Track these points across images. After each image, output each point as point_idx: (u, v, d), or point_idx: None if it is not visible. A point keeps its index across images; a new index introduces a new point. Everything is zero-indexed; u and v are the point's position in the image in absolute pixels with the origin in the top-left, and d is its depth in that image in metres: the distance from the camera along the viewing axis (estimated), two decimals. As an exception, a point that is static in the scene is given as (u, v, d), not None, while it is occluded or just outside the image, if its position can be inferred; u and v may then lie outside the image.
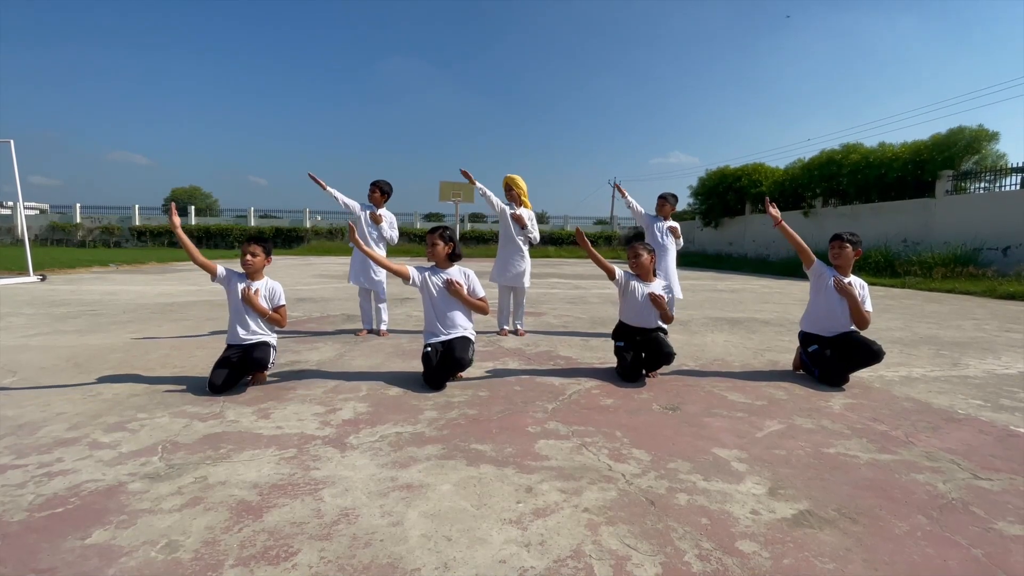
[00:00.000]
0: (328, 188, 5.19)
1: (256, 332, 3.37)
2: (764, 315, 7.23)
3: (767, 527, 1.78)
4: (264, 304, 3.41)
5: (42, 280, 10.55)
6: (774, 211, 3.84)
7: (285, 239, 31.65)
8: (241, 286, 3.35)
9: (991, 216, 13.14)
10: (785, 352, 4.63)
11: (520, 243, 5.31)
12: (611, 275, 3.74)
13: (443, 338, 3.49)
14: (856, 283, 3.72)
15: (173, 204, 3.48)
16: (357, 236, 3.82)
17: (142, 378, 3.54)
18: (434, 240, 3.63)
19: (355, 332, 5.28)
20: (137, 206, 32.97)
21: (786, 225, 3.79)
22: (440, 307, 3.56)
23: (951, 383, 3.73)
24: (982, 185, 14.53)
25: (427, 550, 1.63)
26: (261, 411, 2.89)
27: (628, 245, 3.84)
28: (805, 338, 3.87)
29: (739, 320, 6.66)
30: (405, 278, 3.51)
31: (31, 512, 1.85)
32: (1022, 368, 4.21)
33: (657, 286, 3.76)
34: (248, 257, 3.37)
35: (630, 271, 3.81)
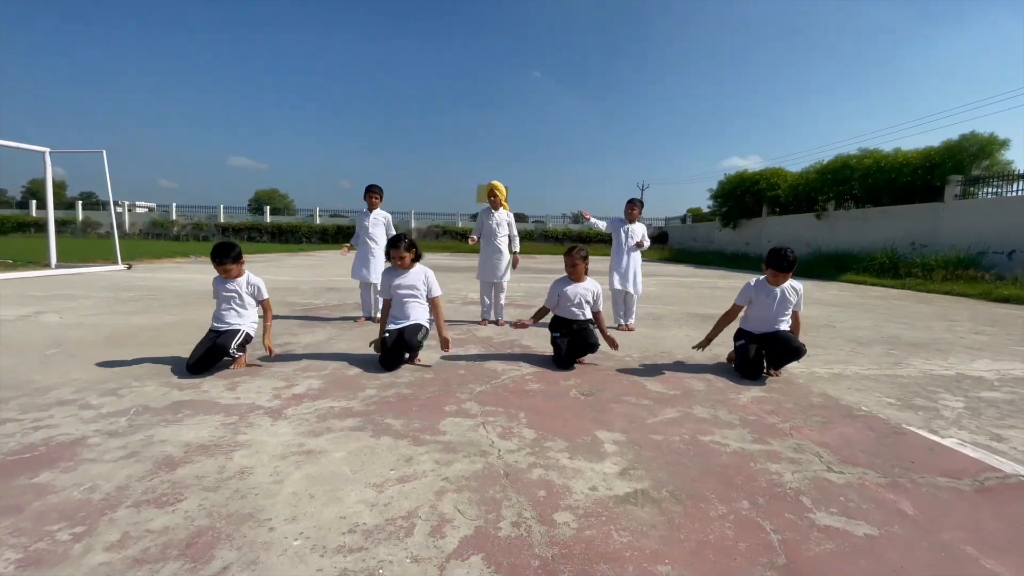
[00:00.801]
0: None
1: (225, 322, 3.51)
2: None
3: (594, 502, 1.81)
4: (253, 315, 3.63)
5: (127, 269, 11.36)
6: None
7: (346, 235, 32.72)
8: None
9: (998, 220, 12.16)
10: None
11: (500, 245, 5.39)
12: (546, 311, 3.97)
13: (399, 325, 3.61)
14: (791, 289, 3.63)
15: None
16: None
17: (155, 353, 3.82)
18: (400, 254, 3.71)
19: (355, 319, 5.48)
20: (222, 205, 34.80)
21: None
22: (402, 304, 3.68)
23: (877, 381, 3.57)
24: (990, 190, 13.46)
25: (288, 505, 1.75)
26: (232, 384, 3.10)
27: (567, 252, 3.87)
28: (737, 334, 3.78)
29: (712, 315, 6.47)
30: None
31: (5, 456, 2.08)
32: (961, 370, 3.96)
33: (583, 287, 3.86)
34: (222, 275, 3.57)
35: (559, 279, 3.94)
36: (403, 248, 3.73)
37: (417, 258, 3.80)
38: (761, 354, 3.55)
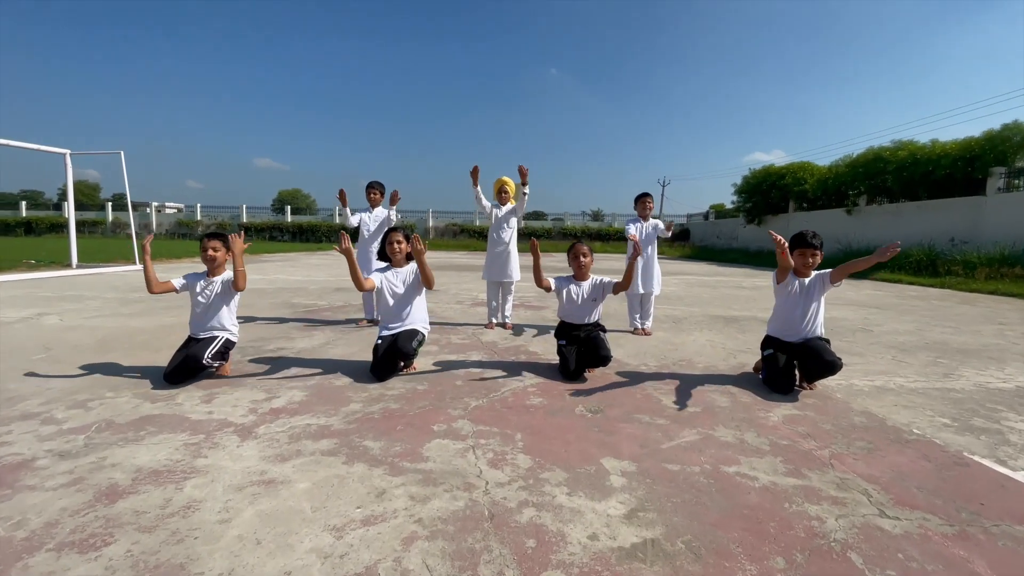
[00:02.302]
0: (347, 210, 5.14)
1: (204, 327, 3.24)
2: (768, 314, 6.53)
3: (593, 557, 1.49)
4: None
5: (145, 268, 11.40)
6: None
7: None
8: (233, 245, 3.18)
9: (1047, 215, 11.34)
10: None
11: (507, 241, 5.08)
12: (548, 288, 3.55)
13: (394, 330, 3.33)
14: (818, 281, 3.23)
15: (148, 236, 3.34)
16: (350, 247, 3.25)
17: (142, 359, 3.63)
18: (398, 237, 3.47)
19: (356, 322, 5.25)
20: (244, 205, 35.27)
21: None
22: (396, 304, 3.40)
23: (927, 396, 3.15)
24: (1038, 182, 12.59)
25: (228, 554, 1.47)
26: (209, 395, 2.86)
27: (571, 247, 3.54)
28: (765, 341, 3.40)
29: (736, 318, 6.07)
30: (370, 289, 3.37)
31: (-63, 483, 1.87)
32: (1021, 383, 3.50)
33: (588, 287, 3.53)
34: (210, 252, 3.25)
35: (564, 276, 3.62)
36: (401, 233, 3.48)
37: (410, 256, 3.52)
38: (792, 365, 3.17)
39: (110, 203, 36.54)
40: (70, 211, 11.49)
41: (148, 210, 35.27)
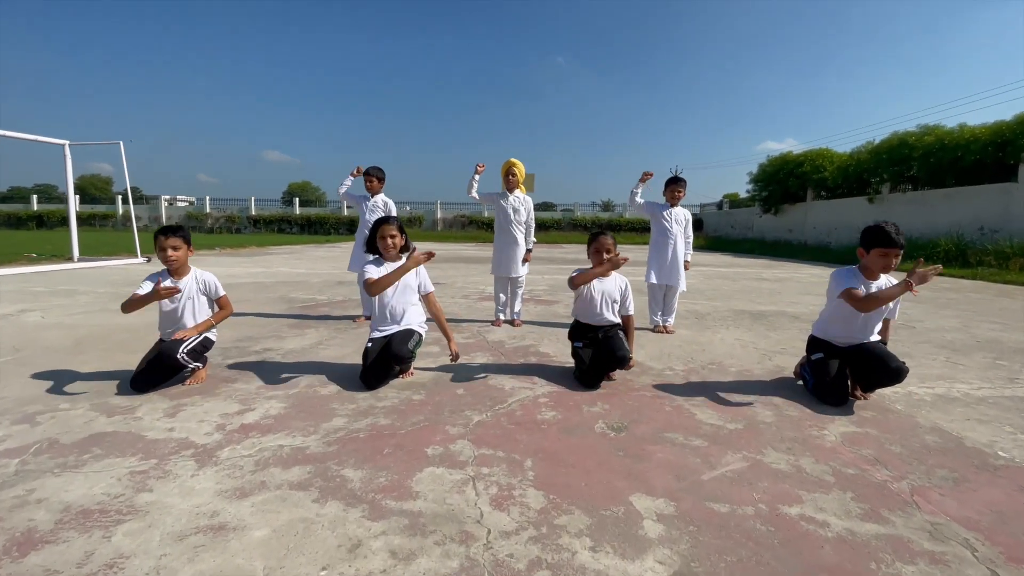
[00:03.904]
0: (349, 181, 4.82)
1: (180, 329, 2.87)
2: (797, 309, 6.10)
3: (630, 654, 1.10)
4: (197, 314, 2.91)
5: (147, 262, 11.16)
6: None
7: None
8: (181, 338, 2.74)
9: (1087, 202, 10.66)
10: (801, 355, 3.67)
11: (516, 234, 4.67)
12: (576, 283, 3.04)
13: (387, 332, 2.95)
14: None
15: (173, 289, 2.72)
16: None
17: (114, 362, 3.29)
18: (391, 231, 3.07)
19: (354, 318, 4.88)
20: (253, 198, 35.10)
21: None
22: (390, 302, 3.01)
23: (1000, 407, 2.71)
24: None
25: (141, 645, 1.10)
26: (175, 407, 2.50)
27: (592, 237, 3.10)
28: (813, 344, 2.97)
29: (764, 314, 5.61)
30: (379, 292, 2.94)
31: None
32: (1108, 390, 3.04)
33: (610, 284, 3.09)
34: (170, 252, 2.84)
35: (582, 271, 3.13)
36: (395, 226, 3.07)
37: (406, 248, 3.13)
38: (845, 373, 2.74)
39: (120, 196, 36.58)
40: (71, 203, 11.24)
41: (160, 203, 35.24)
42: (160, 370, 2.70)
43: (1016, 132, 12.80)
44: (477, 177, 4.58)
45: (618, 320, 3.08)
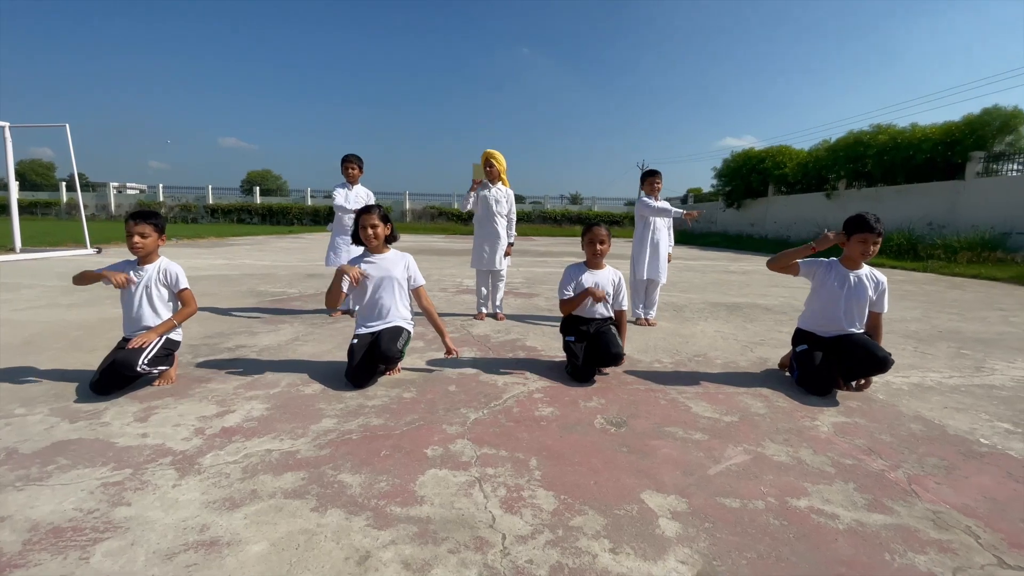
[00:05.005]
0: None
1: (142, 325, 2.68)
2: (768, 300, 6.27)
3: (669, 663, 1.06)
4: (160, 311, 2.70)
5: (97, 252, 10.49)
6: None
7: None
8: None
9: (1023, 199, 11.39)
10: (780, 347, 3.76)
11: (497, 226, 4.59)
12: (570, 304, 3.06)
13: (373, 328, 2.83)
14: (870, 277, 2.86)
15: (122, 278, 2.60)
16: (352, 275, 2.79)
17: (71, 362, 3.06)
18: (373, 220, 2.93)
19: (329, 312, 4.71)
20: (210, 186, 33.60)
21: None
22: (376, 296, 2.89)
23: (973, 395, 2.83)
24: (1015, 167, 12.65)
25: None
26: (145, 411, 2.32)
27: (587, 228, 3.07)
28: (798, 336, 3.02)
29: (738, 306, 5.74)
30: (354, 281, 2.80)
31: None
32: (1064, 377, 3.22)
33: (604, 277, 3.07)
34: (136, 239, 2.64)
35: (575, 265, 3.12)
36: (377, 215, 2.94)
37: (392, 239, 3.02)
38: (829, 363, 2.80)
39: (64, 183, 34.36)
40: (11, 190, 10.44)
41: (108, 191, 33.27)
42: (118, 381, 2.48)
43: (964, 133, 13.55)
44: (472, 195, 4.53)
45: (610, 314, 3.06)
